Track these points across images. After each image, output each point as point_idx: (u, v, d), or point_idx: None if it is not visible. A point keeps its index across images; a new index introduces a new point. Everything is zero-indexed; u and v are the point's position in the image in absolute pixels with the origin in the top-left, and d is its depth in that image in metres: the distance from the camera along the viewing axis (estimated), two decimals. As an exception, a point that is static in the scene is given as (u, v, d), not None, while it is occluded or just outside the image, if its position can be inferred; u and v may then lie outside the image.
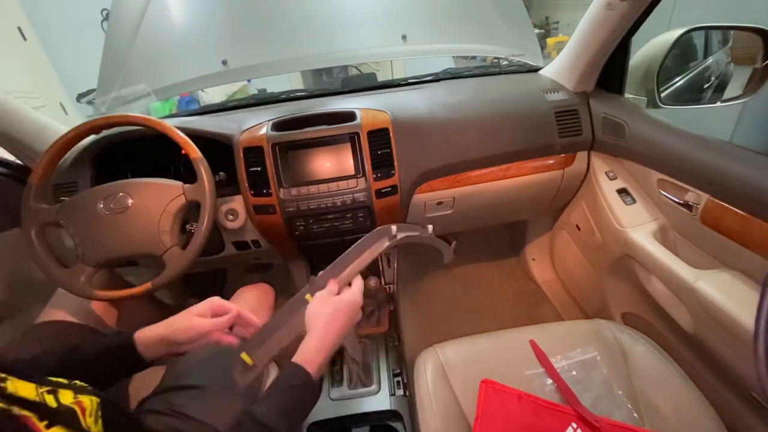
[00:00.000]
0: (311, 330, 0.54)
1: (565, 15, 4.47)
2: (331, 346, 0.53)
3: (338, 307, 0.56)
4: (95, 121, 0.79)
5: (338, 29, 1.26)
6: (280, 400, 0.47)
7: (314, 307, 0.56)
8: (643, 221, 0.89)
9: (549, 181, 1.04)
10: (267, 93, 1.31)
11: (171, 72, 1.18)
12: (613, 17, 0.80)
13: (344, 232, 0.94)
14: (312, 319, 0.55)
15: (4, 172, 0.92)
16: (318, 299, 0.58)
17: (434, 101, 1.00)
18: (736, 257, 0.69)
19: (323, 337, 0.53)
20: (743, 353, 0.63)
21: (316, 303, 0.57)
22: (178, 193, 0.78)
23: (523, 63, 1.22)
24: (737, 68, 1.03)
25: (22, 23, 2.58)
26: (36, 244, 0.74)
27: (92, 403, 0.38)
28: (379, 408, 0.93)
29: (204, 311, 0.58)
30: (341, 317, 0.56)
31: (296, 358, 0.50)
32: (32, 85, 2.59)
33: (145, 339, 0.55)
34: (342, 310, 0.56)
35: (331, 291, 0.59)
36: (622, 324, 0.84)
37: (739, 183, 0.66)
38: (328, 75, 3.05)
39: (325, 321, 0.54)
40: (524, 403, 0.68)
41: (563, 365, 0.74)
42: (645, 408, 0.68)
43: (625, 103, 0.95)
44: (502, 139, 0.96)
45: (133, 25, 1.15)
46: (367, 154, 0.89)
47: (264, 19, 1.24)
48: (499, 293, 1.44)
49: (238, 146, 0.88)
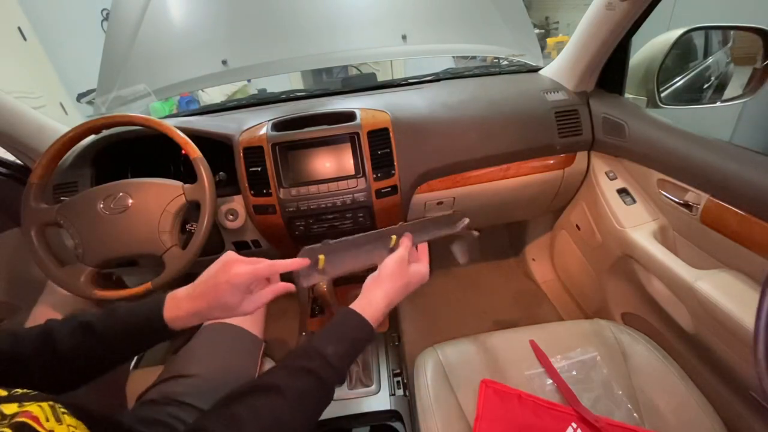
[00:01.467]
0: (385, 287, 0.53)
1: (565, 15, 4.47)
2: (389, 309, 0.54)
3: (412, 278, 0.56)
4: (95, 121, 0.79)
5: (338, 29, 1.26)
6: (346, 347, 0.47)
7: (394, 266, 0.55)
8: (643, 221, 0.89)
9: (549, 181, 1.04)
10: (267, 93, 1.31)
11: (171, 72, 1.18)
12: (613, 17, 0.80)
13: (344, 233, 0.94)
14: (389, 277, 0.54)
15: (4, 172, 0.92)
16: (399, 260, 0.56)
17: (434, 101, 1.00)
18: (736, 257, 0.69)
19: (391, 301, 0.53)
20: (743, 353, 0.63)
21: (398, 263, 0.56)
22: (178, 193, 0.78)
23: (523, 63, 1.22)
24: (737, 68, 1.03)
25: (22, 23, 2.58)
26: (36, 244, 0.75)
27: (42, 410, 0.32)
28: (379, 408, 0.93)
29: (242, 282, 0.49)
30: (411, 287, 0.56)
31: (364, 311, 0.50)
32: (32, 85, 2.59)
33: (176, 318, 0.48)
34: (413, 282, 0.57)
35: (407, 248, 0.59)
36: (622, 324, 0.84)
37: (739, 183, 0.66)
38: (328, 75, 3.05)
39: (399, 286, 0.54)
40: (524, 403, 0.68)
41: (563, 365, 0.74)
42: (645, 408, 0.68)
43: (625, 103, 0.95)
44: (502, 139, 0.96)
45: (133, 25, 1.15)
46: (367, 154, 0.89)
47: (264, 19, 1.24)
48: (499, 293, 1.44)
49: (238, 146, 0.88)
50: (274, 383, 0.41)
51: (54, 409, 0.32)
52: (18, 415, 0.29)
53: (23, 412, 0.30)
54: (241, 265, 0.48)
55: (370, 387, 0.97)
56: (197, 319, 0.49)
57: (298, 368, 0.43)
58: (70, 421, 0.32)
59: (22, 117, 0.87)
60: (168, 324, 0.48)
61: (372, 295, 0.52)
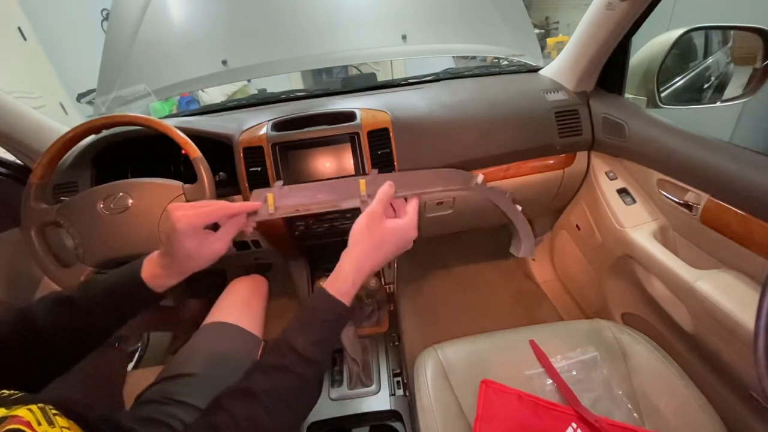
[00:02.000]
0: (352, 253, 0.47)
1: (565, 15, 4.47)
2: (369, 275, 0.47)
3: (386, 237, 0.48)
4: (95, 121, 0.79)
5: (338, 29, 1.26)
6: (317, 334, 0.44)
7: (362, 224, 0.48)
8: (643, 221, 0.89)
9: (549, 181, 1.04)
10: (267, 93, 1.31)
11: (171, 72, 1.18)
12: (613, 17, 0.80)
13: (344, 232, 0.93)
14: (356, 239, 0.48)
15: (4, 172, 0.92)
16: (369, 215, 0.48)
17: (434, 101, 1.00)
18: (736, 257, 0.69)
19: (362, 266, 0.46)
20: (743, 353, 0.63)
21: (366, 219, 0.48)
22: (178, 193, 0.78)
23: (523, 63, 1.22)
24: (737, 68, 1.03)
25: (22, 23, 2.58)
26: (36, 244, 0.74)
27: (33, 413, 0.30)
28: (379, 408, 0.93)
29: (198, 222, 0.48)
30: (387, 248, 0.48)
31: (331, 287, 0.45)
32: (32, 85, 2.59)
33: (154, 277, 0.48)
34: (390, 242, 0.48)
35: (382, 200, 0.50)
36: (622, 324, 0.84)
37: (739, 183, 0.66)
38: (328, 75, 3.05)
39: (368, 247, 0.47)
40: (524, 403, 0.68)
41: (563, 365, 0.74)
42: (645, 408, 0.68)
43: (625, 103, 0.95)
44: (502, 139, 0.96)
45: (133, 25, 1.15)
46: (367, 154, 0.89)
47: (264, 19, 1.24)
48: (499, 293, 1.44)
49: (238, 146, 0.88)
50: (248, 387, 0.40)
51: (44, 412, 0.31)
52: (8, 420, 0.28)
53: (13, 417, 0.28)
54: (181, 210, 0.47)
55: (370, 387, 0.97)
56: (175, 275, 0.49)
57: (270, 366, 0.42)
58: (63, 423, 0.31)
59: (22, 117, 0.87)
60: (148, 283, 0.47)
61: (340, 264, 0.47)
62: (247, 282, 0.89)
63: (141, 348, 1.30)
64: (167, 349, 1.30)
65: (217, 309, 0.80)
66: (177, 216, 0.46)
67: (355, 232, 0.48)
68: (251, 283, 0.89)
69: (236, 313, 0.78)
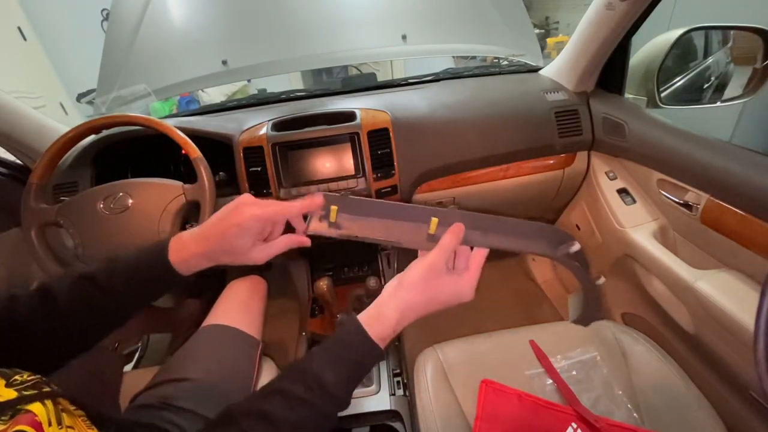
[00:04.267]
0: (400, 297, 0.43)
1: (565, 15, 4.47)
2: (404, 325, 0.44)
3: (440, 293, 0.44)
4: (95, 121, 0.79)
5: (338, 29, 1.26)
6: (348, 372, 0.41)
7: (419, 273, 0.43)
8: (643, 221, 0.89)
9: (549, 181, 1.04)
10: (267, 93, 1.31)
11: (171, 72, 1.18)
12: (613, 17, 0.80)
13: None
14: (408, 285, 0.43)
15: (4, 172, 0.92)
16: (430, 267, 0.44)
17: (434, 101, 1.00)
18: (736, 257, 0.69)
19: (406, 316, 0.43)
20: (743, 353, 0.63)
21: (425, 270, 0.43)
22: (178, 193, 0.78)
23: (523, 63, 1.22)
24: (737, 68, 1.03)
25: (22, 23, 2.58)
26: (36, 244, 0.75)
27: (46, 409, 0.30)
28: (379, 408, 0.93)
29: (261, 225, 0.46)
30: (437, 305, 0.44)
31: (371, 328, 0.41)
32: (32, 85, 2.59)
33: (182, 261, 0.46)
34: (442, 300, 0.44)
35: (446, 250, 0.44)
36: (622, 324, 0.84)
37: (739, 183, 0.66)
38: (328, 75, 3.05)
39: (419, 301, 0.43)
40: (524, 403, 0.68)
41: (563, 365, 0.74)
42: (645, 408, 0.68)
43: (625, 103, 0.95)
44: (502, 139, 0.96)
45: (133, 25, 1.15)
46: (367, 154, 0.89)
47: (264, 19, 1.24)
48: (499, 293, 1.43)
49: (238, 146, 0.88)
50: (268, 411, 0.38)
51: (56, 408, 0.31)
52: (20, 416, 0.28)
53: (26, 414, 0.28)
54: (255, 207, 0.45)
55: (370, 387, 0.97)
56: (206, 261, 0.46)
57: (295, 398, 0.39)
58: (69, 422, 0.31)
59: (22, 117, 0.87)
60: (175, 267, 0.45)
61: (384, 306, 0.43)
62: (245, 283, 0.89)
63: (141, 348, 1.30)
64: (167, 350, 1.30)
65: (216, 311, 0.80)
66: (251, 213, 0.44)
67: (409, 277, 0.44)
68: (250, 285, 0.89)
69: (235, 315, 0.78)
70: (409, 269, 0.45)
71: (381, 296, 0.44)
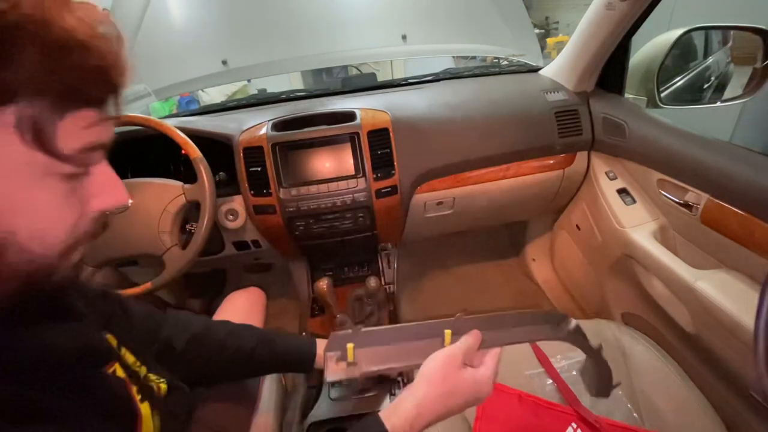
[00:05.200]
0: (418, 392, 0.42)
1: (565, 15, 4.47)
2: (428, 425, 0.43)
3: (459, 386, 0.43)
4: (95, 121, 0.79)
5: (338, 29, 1.26)
6: None
7: (438, 362, 0.43)
8: (643, 221, 0.89)
9: (549, 181, 1.04)
10: (267, 93, 1.31)
11: (171, 72, 1.18)
12: (613, 17, 0.80)
13: (344, 232, 0.94)
14: (427, 378, 0.43)
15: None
16: (448, 356, 0.44)
17: (434, 101, 1.00)
18: (736, 257, 0.69)
19: (424, 412, 0.42)
20: (743, 353, 0.63)
21: (444, 359, 0.43)
22: (178, 193, 0.78)
23: (523, 63, 1.22)
24: (737, 68, 1.03)
25: (22, 23, 2.57)
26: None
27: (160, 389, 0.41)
28: (379, 408, 0.92)
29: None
30: (457, 400, 0.43)
31: (388, 420, 0.41)
32: (32, 85, 2.59)
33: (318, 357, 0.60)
34: (462, 393, 0.44)
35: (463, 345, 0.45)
36: (622, 324, 0.83)
37: (739, 183, 0.66)
38: (328, 75, 3.05)
39: (438, 394, 0.43)
40: (524, 403, 0.68)
41: (563, 365, 0.73)
42: (645, 408, 0.68)
43: (625, 103, 0.95)
44: (502, 139, 0.96)
45: (133, 25, 1.15)
46: (367, 154, 0.89)
47: (264, 19, 1.24)
48: (499, 293, 1.44)
49: (238, 146, 0.88)
50: None
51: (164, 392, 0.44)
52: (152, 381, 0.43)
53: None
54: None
55: (370, 387, 0.97)
56: None
57: None
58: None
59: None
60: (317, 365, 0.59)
61: (403, 400, 0.42)
62: (245, 295, 0.87)
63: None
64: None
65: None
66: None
67: (427, 369, 0.43)
68: (250, 297, 0.87)
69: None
70: (428, 361, 0.44)
71: (401, 392, 0.45)
